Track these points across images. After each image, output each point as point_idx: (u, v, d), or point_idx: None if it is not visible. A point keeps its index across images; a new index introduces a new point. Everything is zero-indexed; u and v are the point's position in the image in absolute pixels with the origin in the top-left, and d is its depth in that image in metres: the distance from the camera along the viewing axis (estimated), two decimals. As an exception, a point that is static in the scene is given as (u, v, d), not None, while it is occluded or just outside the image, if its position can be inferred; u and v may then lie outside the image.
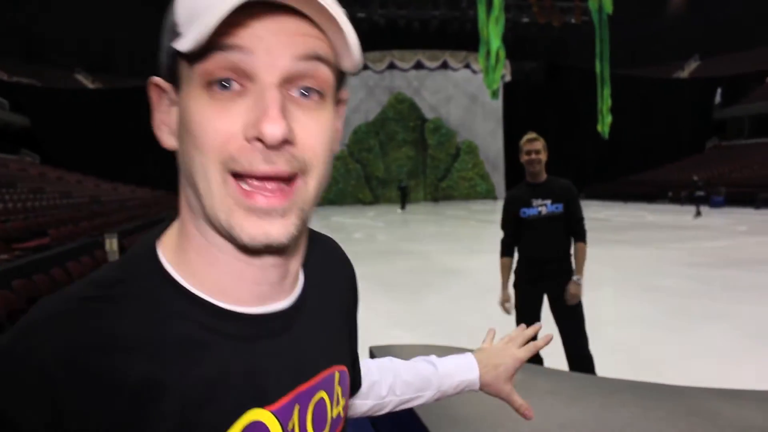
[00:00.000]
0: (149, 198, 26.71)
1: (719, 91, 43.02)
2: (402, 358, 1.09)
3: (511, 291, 4.43)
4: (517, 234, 4.32)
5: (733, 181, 31.83)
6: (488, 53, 17.58)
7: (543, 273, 4.24)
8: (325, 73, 0.61)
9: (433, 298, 9.00)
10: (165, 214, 19.67)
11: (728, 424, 2.02)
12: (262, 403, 0.64)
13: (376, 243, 16.93)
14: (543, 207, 4.18)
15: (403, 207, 31.68)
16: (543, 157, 4.18)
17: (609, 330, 6.50)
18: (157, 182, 30.40)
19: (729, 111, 42.22)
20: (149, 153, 32.61)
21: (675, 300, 8.30)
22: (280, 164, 0.58)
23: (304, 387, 0.69)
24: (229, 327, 0.64)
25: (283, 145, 0.58)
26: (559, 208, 4.22)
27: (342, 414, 0.77)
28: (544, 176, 4.25)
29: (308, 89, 0.60)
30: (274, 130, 0.56)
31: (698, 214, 23.52)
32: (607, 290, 8.93)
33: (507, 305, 4.35)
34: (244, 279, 0.65)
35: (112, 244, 10.01)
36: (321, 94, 0.62)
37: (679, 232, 18.11)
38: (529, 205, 4.20)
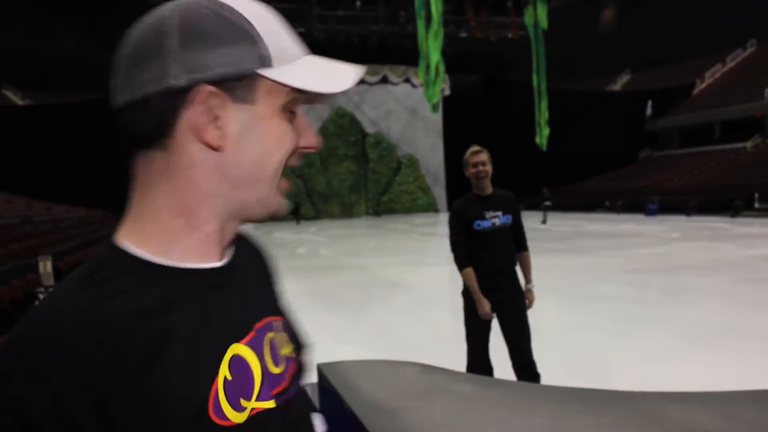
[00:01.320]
0: (85, 217, 25.88)
1: (650, 103, 44.56)
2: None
3: (460, 301, 4.42)
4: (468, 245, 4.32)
5: (666, 190, 32.92)
6: (428, 67, 17.74)
7: (497, 283, 4.26)
8: None
9: (377, 312, 8.95)
10: (103, 233, 19.07)
11: (677, 427, 2.04)
12: (237, 338, 0.80)
13: (319, 258, 16.81)
14: (496, 219, 4.24)
15: (298, 222, 32.47)
16: (489, 168, 4.24)
17: (553, 337, 6.58)
18: (93, 201, 29.50)
19: (660, 123, 43.78)
20: (84, 171, 31.73)
21: (616, 306, 8.48)
22: (299, 161, 0.84)
23: (258, 325, 0.85)
24: (195, 281, 0.79)
25: None
26: (509, 219, 4.30)
27: (291, 355, 0.91)
28: (490, 188, 4.31)
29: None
30: (318, 141, 0.84)
31: (544, 221, 26.68)
32: (549, 299, 9.04)
33: (489, 309, 4.23)
34: (213, 244, 0.82)
35: (46, 266, 9.58)
36: None
37: (617, 240, 18.59)
38: (483, 218, 4.24)
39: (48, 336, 0.68)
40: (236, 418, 0.76)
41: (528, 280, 4.40)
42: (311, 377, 1.17)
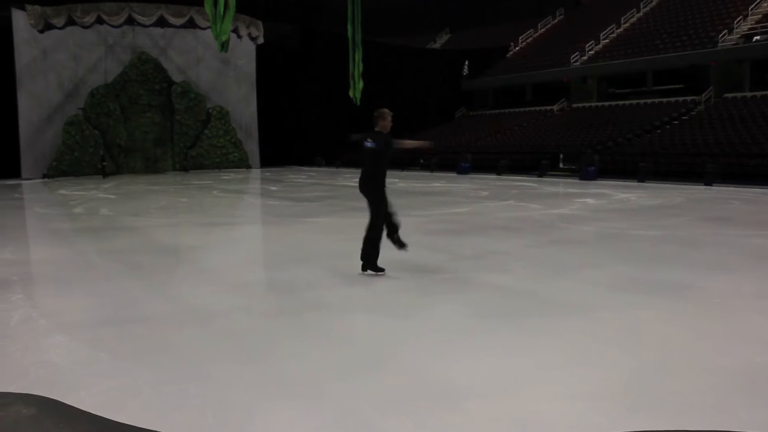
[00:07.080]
0: None
1: (467, 63, 45.07)
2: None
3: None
4: None
5: (479, 149, 33.26)
6: (216, -1, 15.62)
7: None
8: None
9: (131, 283, 7.14)
10: None
11: None
12: None
13: (96, 218, 14.46)
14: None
15: (104, 176, 31.20)
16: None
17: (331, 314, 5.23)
18: None
19: (475, 83, 44.39)
20: None
21: (406, 275, 7.36)
22: None
23: None
24: None
25: None
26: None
27: None
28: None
29: None
30: None
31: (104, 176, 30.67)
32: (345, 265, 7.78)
33: None
34: None
35: None
36: None
37: (425, 198, 17.96)
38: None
39: None
40: None
41: None
42: None
